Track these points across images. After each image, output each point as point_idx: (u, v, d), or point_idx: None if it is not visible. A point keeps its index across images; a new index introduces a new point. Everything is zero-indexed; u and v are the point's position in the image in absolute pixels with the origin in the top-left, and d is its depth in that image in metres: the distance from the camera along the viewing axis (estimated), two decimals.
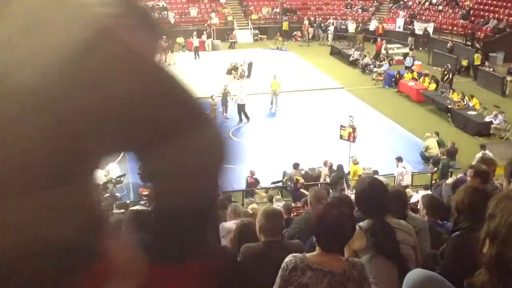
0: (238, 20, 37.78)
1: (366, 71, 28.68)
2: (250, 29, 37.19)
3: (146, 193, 15.60)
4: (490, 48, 28.97)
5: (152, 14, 0.91)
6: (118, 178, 16.18)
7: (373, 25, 35.79)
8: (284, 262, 2.81)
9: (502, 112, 20.19)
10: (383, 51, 30.77)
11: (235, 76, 27.12)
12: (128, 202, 14.32)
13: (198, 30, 34.92)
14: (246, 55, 28.49)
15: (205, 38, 34.45)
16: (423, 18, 35.02)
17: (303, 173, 16.19)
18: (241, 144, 19.78)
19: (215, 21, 36.03)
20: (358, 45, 32.44)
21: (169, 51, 30.56)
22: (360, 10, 38.65)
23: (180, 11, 37.91)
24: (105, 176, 16.09)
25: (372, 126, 20.80)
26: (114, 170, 16.41)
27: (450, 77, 24.68)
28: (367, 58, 29.48)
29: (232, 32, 36.12)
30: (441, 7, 35.37)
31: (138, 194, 15.92)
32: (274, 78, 23.46)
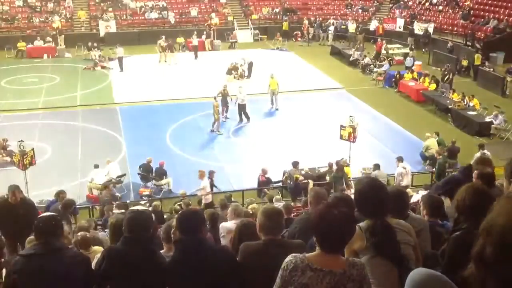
0: (238, 20, 37.79)
1: (366, 71, 28.68)
2: (250, 29, 37.20)
3: (147, 193, 15.62)
4: (490, 48, 28.98)
5: None
6: (118, 178, 16.17)
7: (373, 25, 35.80)
8: (284, 262, 2.80)
9: (502, 112, 20.20)
10: (383, 51, 30.79)
11: (235, 76, 27.11)
12: (128, 202, 14.34)
13: (198, 30, 34.93)
14: (246, 55, 28.47)
15: (205, 38, 34.44)
16: (423, 18, 35.02)
17: (303, 172, 16.18)
18: (241, 144, 19.82)
19: (215, 21, 36.03)
20: (358, 45, 32.45)
21: (169, 51, 30.57)
22: (360, 10, 38.67)
23: (180, 11, 37.93)
24: (105, 176, 16.10)
25: (372, 126, 20.82)
26: (114, 170, 16.41)
27: (450, 77, 24.68)
28: (367, 58, 29.48)
29: (232, 32, 36.12)
30: (441, 7, 35.37)
31: (138, 194, 15.95)
32: (271, 77, 23.34)
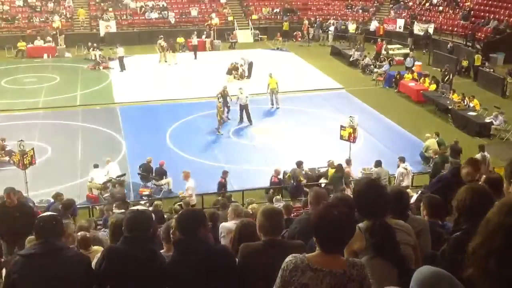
0: (238, 20, 37.78)
1: (366, 72, 28.68)
2: (251, 29, 37.19)
3: (147, 193, 15.61)
4: (491, 49, 28.97)
5: None
6: (118, 178, 16.13)
7: (373, 25, 35.79)
8: (284, 262, 2.80)
9: (502, 113, 20.20)
10: (384, 52, 30.78)
11: (236, 76, 27.11)
12: (128, 202, 14.33)
13: (199, 30, 34.94)
14: (246, 55, 28.45)
15: (205, 38, 34.45)
16: (424, 19, 35.00)
17: (303, 173, 16.17)
18: (241, 144, 19.80)
19: (216, 21, 36.03)
20: (359, 45, 32.44)
21: (171, 51, 30.57)
22: (360, 11, 38.66)
23: (180, 11, 37.93)
24: (105, 176, 16.07)
25: (372, 127, 20.81)
26: (114, 169, 16.38)
27: (450, 77, 24.67)
28: (368, 58, 29.48)
29: (232, 32, 36.12)
30: (441, 8, 35.36)
31: (138, 194, 15.93)
32: (270, 76, 23.32)
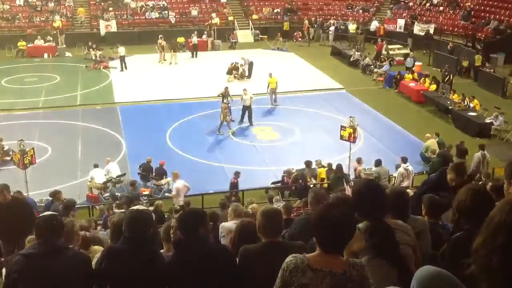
0: (238, 20, 37.77)
1: (366, 72, 28.67)
2: (251, 29, 37.18)
3: (147, 192, 15.61)
4: (491, 49, 28.95)
5: None
6: (118, 178, 16.13)
7: (373, 25, 35.76)
8: (284, 262, 2.80)
9: (502, 113, 20.20)
10: (384, 52, 30.75)
11: (236, 76, 27.10)
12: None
13: (199, 30, 34.96)
14: (247, 55, 28.44)
15: (206, 37, 34.46)
16: (424, 19, 34.98)
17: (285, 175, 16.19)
18: (241, 144, 19.79)
19: (216, 21, 36.01)
20: (359, 45, 32.43)
21: (172, 51, 30.58)
22: (361, 11, 38.64)
23: (180, 11, 37.92)
24: (105, 175, 16.07)
25: (372, 127, 20.81)
26: (114, 169, 16.38)
27: (451, 78, 24.66)
28: (368, 58, 29.47)
29: (232, 32, 36.11)
30: (442, 8, 35.34)
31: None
32: (270, 76, 23.37)
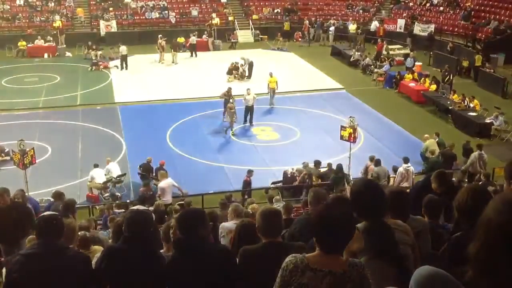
0: (239, 20, 37.77)
1: (366, 72, 28.66)
2: (251, 29, 37.18)
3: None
4: (491, 49, 28.93)
5: None
6: (118, 178, 16.14)
7: (374, 25, 35.75)
8: (284, 262, 2.80)
9: (502, 113, 20.19)
10: (384, 52, 30.74)
11: (236, 76, 27.10)
12: (128, 201, 14.35)
13: (199, 30, 34.96)
14: (247, 55, 28.44)
15: (206, 37, 34.46)
16: (424, 19, 34.97)
17: (290, 174, 16.17)
18: (241, 144, 19.80)
19: (216, 21, 36.01)
20: (359, 45, 32.42)
21: (173, 51, 30.61)
22: (361, 11, 38.64)
23: (181, 11, 37.91)
24: (105, 175, 16.07)
25: (372, 127, 20.80)
26: (114, 169, 16.38)
27: (451, 78, 24.66)
28: (368, 58, 29.46)
29: (233, 32, 36.11)
30: (442, 8, 35.32)
31: (138, 194, 15.92)
32: (270, 75, 23.40)
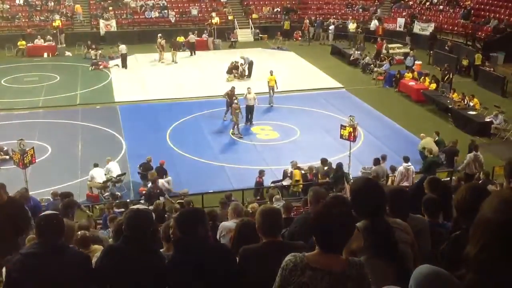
0: (238, 19, 37.76)
1: (366, 71, 28.65)
2: (251, 28, 37.17)
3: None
4: (491, 48, 28.92)
5: None
6: (118, 177, 16.14)
7: (373, 24, 35.71)
8: (284, 261, 2.80)
9: (502, 112, 20.19)
10: (384, 51, 30.71)
11: (236, 75, 27.10)
12: (128, 201, 14.36)
13: (199, 29, 34.95)
14: (247, 54, 28.43)
15: (206, 36, 34.45)
16: (424, 18, 34.93)
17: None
18: (241, 143, 19.80)
19: (216, 20, 36.00)
20: (359, 44, 32.40)
21: (173, 50, 30.62)
22: (360, 10, 38.61)
23: (180, 10, 37.89)
24: (105, 175, 16.08)
25: (372, 126, 20.80)
26: (114, 169, 16.39)
27: (450, 77, 24.65)
28: (368, 57, 29.45)
29: (232, 31, 36.10)
30: (441, 7, 35.29)
31: (138, 193, 15.93)
32: (271, 73, 23.44)
